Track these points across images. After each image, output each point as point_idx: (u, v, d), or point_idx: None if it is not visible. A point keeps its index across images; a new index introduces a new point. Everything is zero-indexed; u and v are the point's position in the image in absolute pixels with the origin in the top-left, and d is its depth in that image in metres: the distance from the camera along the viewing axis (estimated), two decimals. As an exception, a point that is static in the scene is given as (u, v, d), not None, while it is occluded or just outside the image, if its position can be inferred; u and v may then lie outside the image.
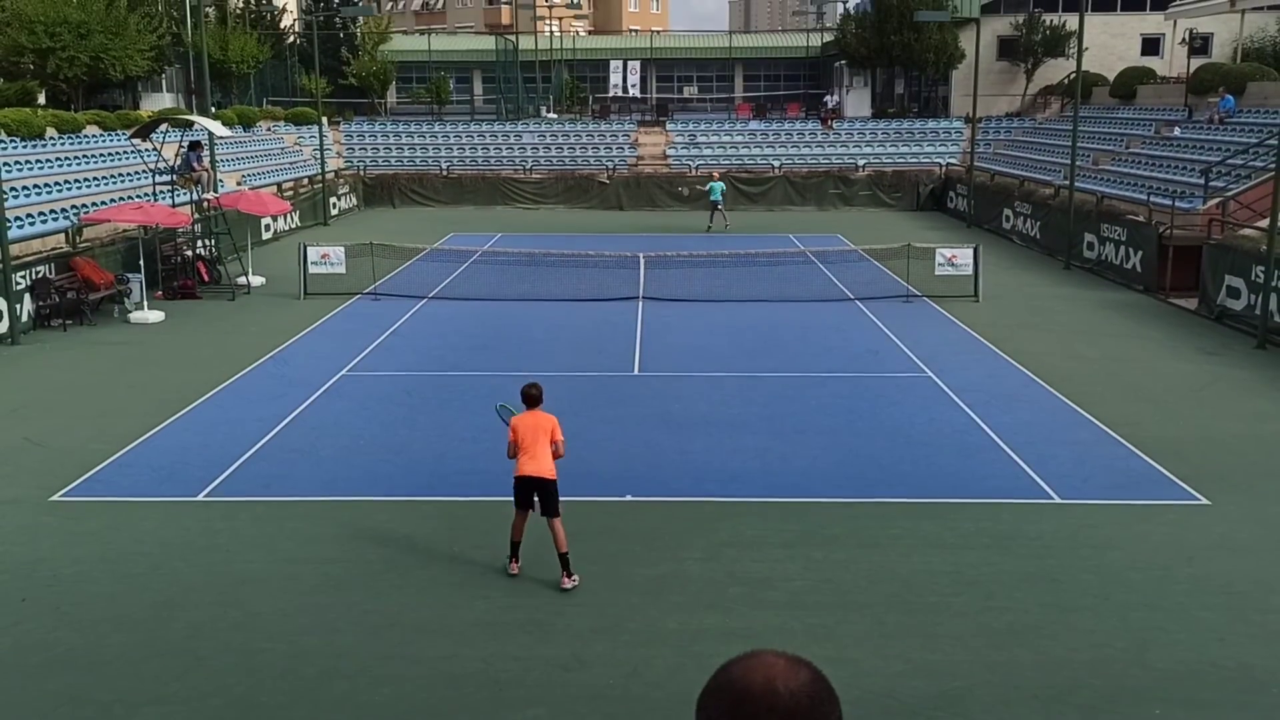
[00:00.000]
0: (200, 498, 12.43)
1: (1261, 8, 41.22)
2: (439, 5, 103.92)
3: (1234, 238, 22.54)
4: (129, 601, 9.91)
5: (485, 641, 9.18)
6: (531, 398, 10.35)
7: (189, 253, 25.90)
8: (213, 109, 38.16)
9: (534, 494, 10.11)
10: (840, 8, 60.00)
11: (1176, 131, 34.41)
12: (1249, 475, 13.16)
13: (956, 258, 25.12)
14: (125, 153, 31.69)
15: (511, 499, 10.28)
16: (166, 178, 25.81)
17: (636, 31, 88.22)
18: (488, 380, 17.54)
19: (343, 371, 18.07)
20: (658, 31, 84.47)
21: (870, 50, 52.36)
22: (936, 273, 25.00)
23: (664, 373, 18.13)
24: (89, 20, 36.86)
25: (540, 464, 10.07)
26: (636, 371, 18.31)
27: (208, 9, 48.92)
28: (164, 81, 48.97)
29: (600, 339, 20.54)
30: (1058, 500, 12.38)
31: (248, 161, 39.51)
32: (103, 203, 26.82)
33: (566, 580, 10.07)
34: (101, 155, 31.57)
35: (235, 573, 10.47)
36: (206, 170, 28.24)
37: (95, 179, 29.43)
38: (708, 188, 37.98)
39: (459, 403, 16.30)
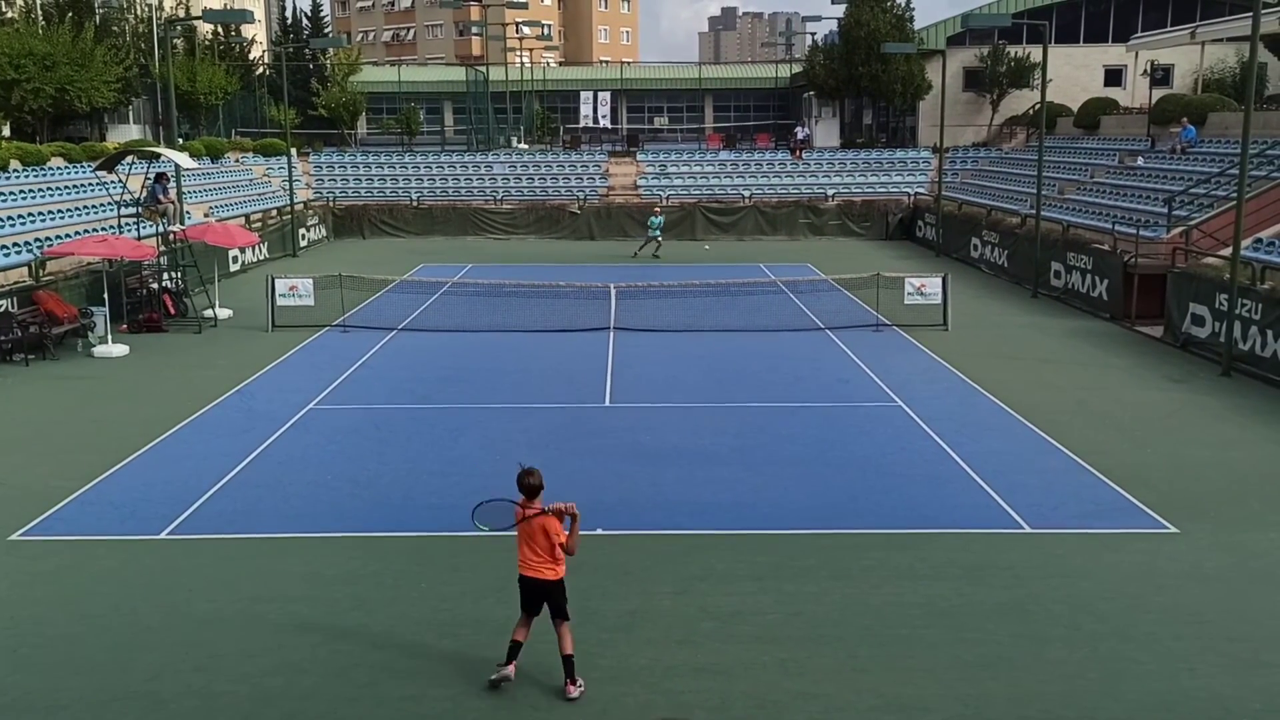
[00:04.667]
0: (163, 535, 12.22)
1: (1221, 40, 41.97)
2: (409, 36, 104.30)
3: (1198, 266, 22.81)
4: (88, 643, 9.70)
5: (454, 680, 9.04)
6: (531, 488, 8.70)
7: (154, 285, 25.64)
8: (180, 140, 37.97)
9: (538, 600, 8.87)
10: (809, 39, 60.59)
11: (1140, 161, 34.90)
12: (1216, 503, 13.23)
13: (925, 287, 25.28)
14: (90, 185, 31.44)
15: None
16: (132, 210, 25.59)
17: (607, 62, 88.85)
18: (458, 413, 17.44)
19: (310, 405, 17.89)
20: (628, 62, 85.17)
21: (838, 81, 52.89)
22: (906, 302, 25.15)
23: (635, 404, 18.07)
24: (55, 52, 36.67)
25: (538, 565, 8.76)
26: (608, 403, 18.23)
27: (175, 40, 48.82)
28: (131, 113, 48.74)
29: (571, 370, 20.47)
30: (1028, 530, 12.39)
31: (215, 193, 39.28)
32: (67, 235, 26.55)
33: (571, 688, 8.79)
34: (66, 188, 31.29)
35: (197, 613, 10.27)
36: (172, 202, 28.03)
37: (59, 211, 29.16)
38: (649, 221, 38.65)
39: (428, 436, 16.16)
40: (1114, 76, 50.29)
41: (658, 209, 39.93)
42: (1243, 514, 12.86)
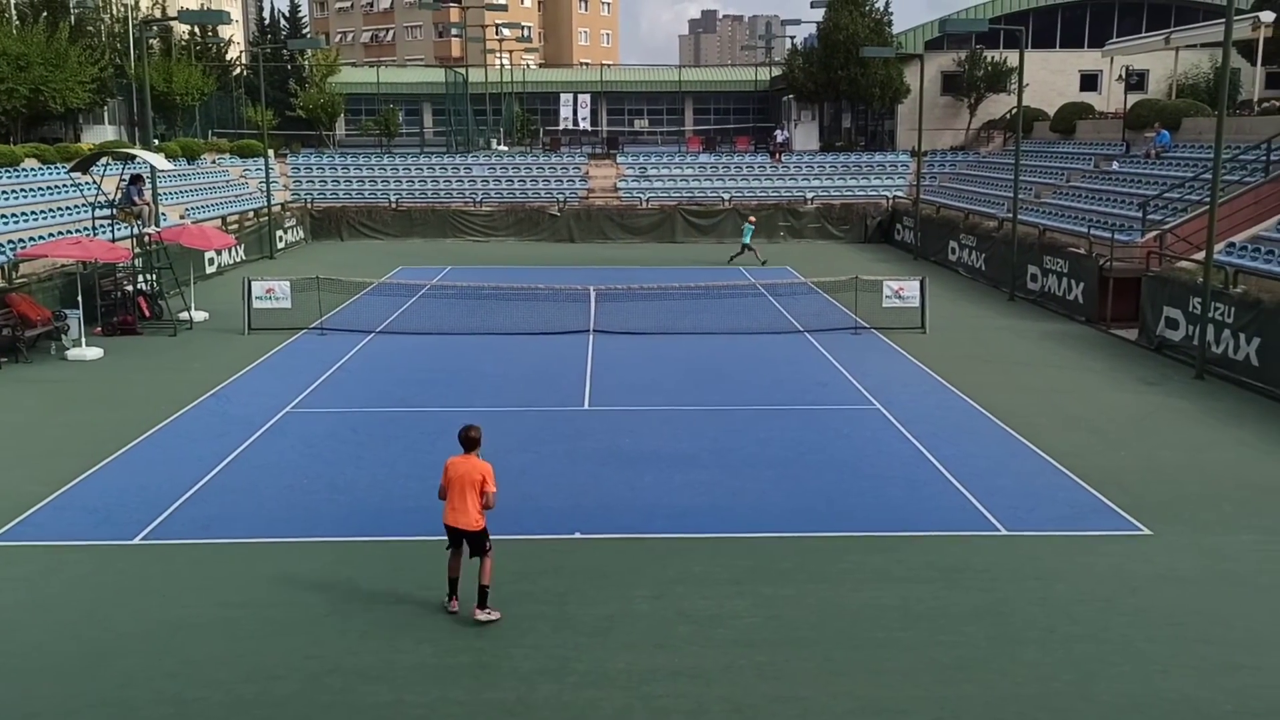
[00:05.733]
0: (136, 541, 12.13)
1: (1195, 45, 42.34)
2: (388, 37, 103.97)
3: (1172, 270, 23.00)
4: (60, 649, 9.61)
5: (429, 687, 9.00)
6: (471, 440, 10.05)
7: (129, 288, 25.44)
8: (156, 141, 37.70)
9: (462, 540, 10.09)
10: (788, 43, 60.78)
11: (1115, 165, 35.18)
12: (1189, 505, 13.34)
13: (904, 290, 25.38)
14: (64, 186, 31.19)
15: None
16: (106, 212, 25.39)
17: (587, 64, 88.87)
18: (436, 416, 17.38)
19: (286, 409, 17.79)
20: (608, 65, 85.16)
21: (818, 85, 53.11)
22: (884, 305, 25.25)
23: (614, 407, 18.06)
24: (29, 52, 36.32)
25: (464, 515, 9.95)
26: (586, 406, 18.22)
27: (151, 40, 48.48)
28: (106, 114, 48.34)
29: (550, 373, 20.44)
30: (1004, 532, 12.46)
31: (191, 195, 39.04)
32: (40, 238, 26.34)
33: (479, 612, 10.01)
34: (39, 189, 31.03)
35: (171, 618, 10.19)
36: (148, 204, 27.83)
37: (33, 213, 28.91)
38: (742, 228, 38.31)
39: (405, 440, 16.10)
40: (1089, 81, 50.71)
41: (751, 218, 39.39)
42: (1215, 516, 12.97)
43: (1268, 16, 33.76)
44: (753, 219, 39.01)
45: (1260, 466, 14.96)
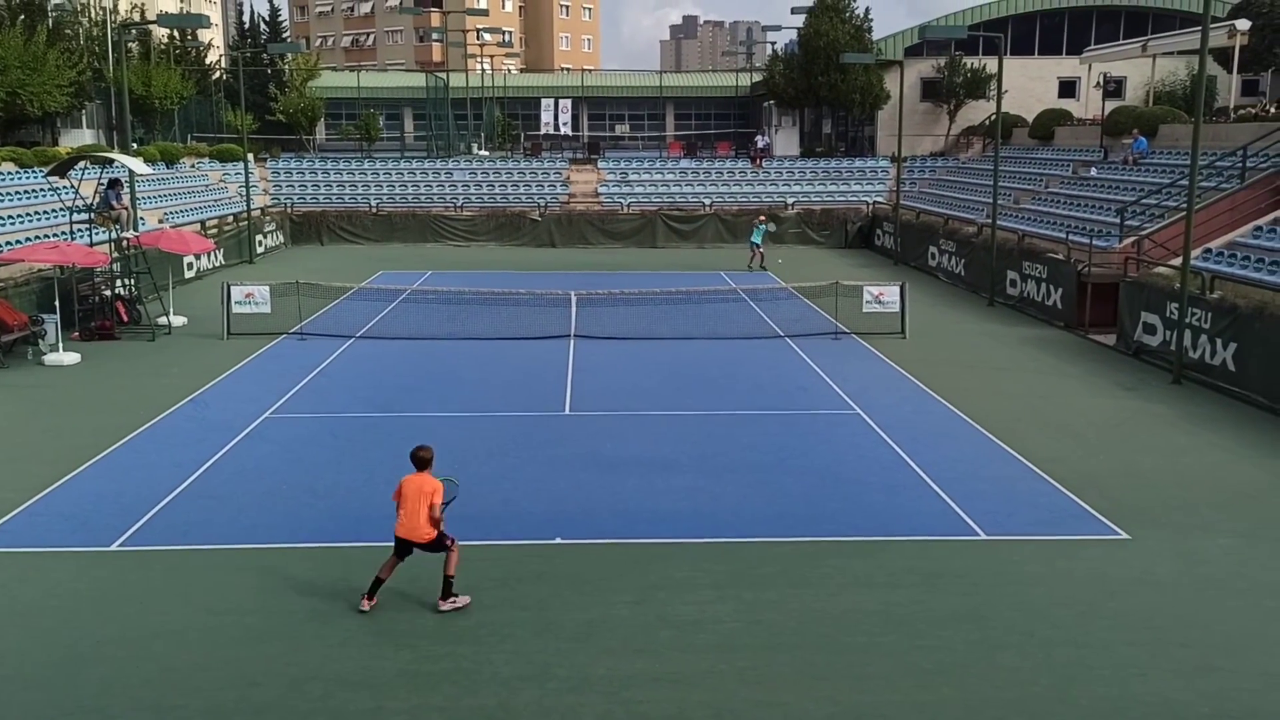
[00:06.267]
0: (114, 547, 12.04)
1: (1172, 53, 42.72)
2: (369, 42, 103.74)
3: (1149, 275, 23.17)
4: (37, 657, 9.52)
5: (410, 693, 8.97)
6: (421, 460, 10.47)
7: (107, 293, 25.26)
8: (135, 145, 37.49)
9: (408, 550, 10.46)
10: (769, 49, 60.96)
11: (1093, 171, 35.43)
12: (1167, 509, 13.44)
13: (884, 295, 25.50)
14: (41, 190, 30.96)
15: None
16: (84, 216, 25.21)
17: (568, 70, 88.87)
18: (416, 422, 17.33)
19: (266, 414, 17.70)
20: (589, 70, 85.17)
21: (798, 90, 53.29)
22: (864, 310, 25.34)
23: (595, 412, 18.05)
24: (5, 56, 36.04)
25: (412, 528, 10.31)
26: (567, 411, 18.20)
27: (130, 44, 48.22)
28: (84, 117, 48.00)
29: (531, 378, 20.41)
30: (983, 537, 12.52)
31: (170, 199, 38.81)
32: (17, 242, 26.12)
33: (442, 604, 10.39)
34: (16, 193, 30.78)
35: (149, 625, 10.12)
36: (126, 208, 27.66)
37: (9, 217, 28.68)
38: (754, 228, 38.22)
39: (386, 445, 16.02)
40: (1068, 88, 51.06)
41: (762, 218, 39.18)
42: (1193, 521, 13.07)
43: (1243, 24, 34.08)
44: (763, 218, 38.92)
45: (1237, 471, 15.09)
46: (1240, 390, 18.83)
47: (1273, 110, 33.14)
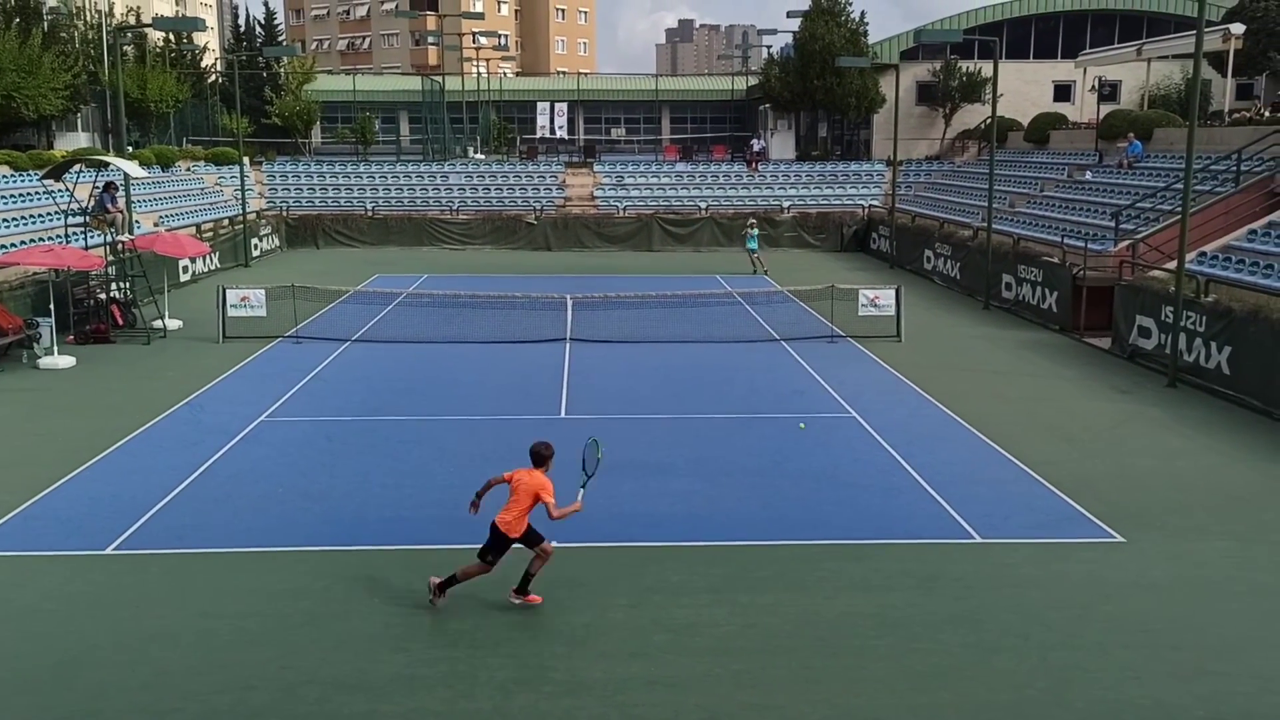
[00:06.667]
0: (109, 551, 12.01)
1: (1166, 57, 42.82)
2: (365, 45, 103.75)
3: (1144, 279, 23.21)
4: (32, 661, 9.50)
5: (405, 697, 8.96)
6: (539, 456, 10.58)
7: (102, 296, 25.24)
8: (130, 149, 37.45)
9: (499, 548, 10.34)
10: (764, 52, 61.04)
11: (1088, 175, 35.50)
12: (1162, 512, 13.46)
13: (879, 298, 25.52)
14: (36, 193, 30.91)
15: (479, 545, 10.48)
16: (79, 219, 25.18)
17: (564, 73, 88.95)
18: (411, 425, 17.33)
19: (261, 417, 17.68)
20: (585, 73, 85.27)
21: (794, 94, 53.35)
22: (860, 313, 25.37)
23: (591, 415, 18.04)
24: (1, 58, 36.01)
25: (508, 521, 10.28)
26: (563, 415, 18.20)
27: (126, 47, 48.19)
28: (79, 120, 47.98)
29: (527, 382, 20.41)
30: (979, 540, 12.53)
31: (165, 202, 38.79)
32: (12, 245, 26.09)
33: (515, 596, 10.53)
34: (11, 196, 30.76)
35: (144, 629, 10.10)
36: (121, 212, 27.60)
37: (4, 220, 28.66)
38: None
39: (382, 448, 16.02)
40: (1063, 92, 51.17)
41: (751, 222, 38.83)
42: (1188, 524, 13.09)
43: (1238, 29, 34.20)
44: (752, 223, 38.91)
45: (1232, 474, 15.11)
46: (1235, 394, 18.87)
47: (1267, 114, 33.27)
